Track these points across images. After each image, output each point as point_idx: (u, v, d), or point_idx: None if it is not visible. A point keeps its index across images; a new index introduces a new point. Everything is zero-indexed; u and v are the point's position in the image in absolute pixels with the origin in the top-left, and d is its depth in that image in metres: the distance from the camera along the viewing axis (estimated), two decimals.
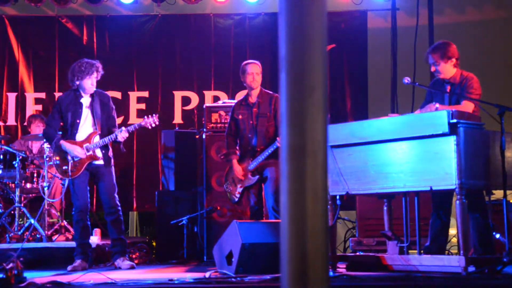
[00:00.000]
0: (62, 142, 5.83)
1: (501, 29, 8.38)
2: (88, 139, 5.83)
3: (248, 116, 5.99)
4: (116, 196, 5.88)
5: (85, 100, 5.92)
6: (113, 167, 5.94)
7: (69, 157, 5.80)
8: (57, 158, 5.88)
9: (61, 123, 5.95)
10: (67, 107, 5.90)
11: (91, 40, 8.70)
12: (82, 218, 5.79)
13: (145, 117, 5.94)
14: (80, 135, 5.86)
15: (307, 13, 1.59)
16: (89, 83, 5.85)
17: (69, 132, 5.87)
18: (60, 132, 5.96)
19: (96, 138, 5.83)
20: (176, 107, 8.59)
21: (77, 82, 5.86)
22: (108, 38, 8.72)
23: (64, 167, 5.83)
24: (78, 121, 5.87)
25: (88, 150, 5.79)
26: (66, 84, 8.60)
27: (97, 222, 7.04)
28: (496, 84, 7.66)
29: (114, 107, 6.09)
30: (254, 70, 5.95)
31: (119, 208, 5.89)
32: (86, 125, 5.88)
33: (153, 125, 5.94)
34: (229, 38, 8.66)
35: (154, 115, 5.94)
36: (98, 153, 5.83)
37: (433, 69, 5.14)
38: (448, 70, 5.10)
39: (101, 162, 5.85)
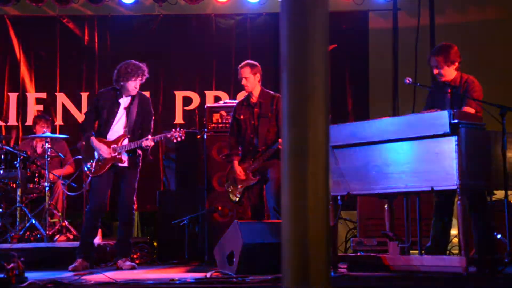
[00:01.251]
0: (92, 138, 5.85)
1: (502, 29, 8.37)
2: (117, 140, 5.84)
3: (250, 116, 5.99)
4: (134, 199, 5.91)
5: (124, 101, 5.92)
6: (138, 171, 5.94)
7: (96, 155, 5.82)
8: (85, 153, 5.91)
9: (97, 119, 5.97)
10: (104, 104, 5.91)
11: (92, 40, 8.70)
12: (94, 217, 5.79)
13: (173, 130, 5.93)
14: (111, 135, 5.88)
15: (308, 13, 1.59)
16: (133, 86, 5.85)
17: (102, 130, 5.89)
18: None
19: (125, 141, 5.84)
20: (177, 107, 8.59)
21: (122, 83, 5.85)
22: (110, 38, 8.72)
23: (88, 164, 5.86)
24: (112, 120, 5.88)
25: (114, 151, 5.80)
26: (68, 83, 8.66)
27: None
28: (497, 84, 7.65)
29: (152, 111, 6.10)
30: (243, 75, 5.94)
31: (134, 211, 5.92)
32: (118, 126, 5.89)
33: (179, 139, 5.95)
34: (231, 38, 8.65)
35: (181, 129, 5.93)
36: (124, 156, 5.84)
37: (435, 71, 5.14)
38: (450, 73, 5.12)
39: (126, 164, 5.86)
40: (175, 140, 5.97)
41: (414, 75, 7.38)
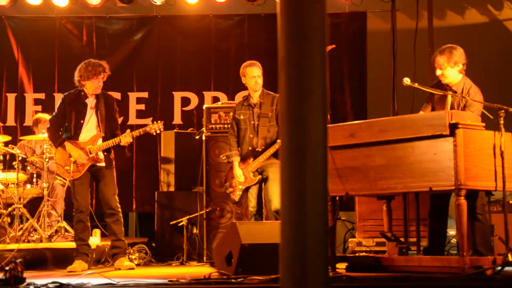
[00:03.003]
0: (67, 143, 5.83)
1: (501, 30, 8.38)
2: (92, 141, 5.82)
3: (250, 116, 6.00)
4: (116, 197, 5.89)
5: (90, 101, 5.92)
6: (114, 169, 5.95)
7: (72, 158, 5.80)
8: (60, 158, 5.88)
9: (65, 123, 5.94)
10: (71, 106, 5.89)
11: (90, 40, 8.69)
12: (82, 219, 5.79)
13: (150, 123, 5.96)
14: (84, 136, 5.85)
15: (307, 14, 1.59)
16: (96, 84, 5.85)
17: (73, 132, 5.87)
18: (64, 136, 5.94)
19: (100, 141, 5.83)
20: (176, 108, 8.59)
21: (84, 83, 5.86)
22: (108, 38, 8.72)
23: (66, 167, 5.83)
24: (82, 121, 5.86)
25: (90, 153, 5.79)
26: (66, 84, 8.62)
27: (96, 223, 7.04)
28: (496, 85, 7.67)
29: (117, 109, 6.10)
30: (256, 73, 5.95)
31: (119, 209, 5.89)
32: (90, 126, 5.88)
33: (158, 131, 5.97)
34: (229, 39, 8.66)
35: (159, 121, 5.96)
36: (101, 155, 5.83)
37: (438, 72, 5.12)
38: (453, 75, 5.08)
39: (102, 164, 5.85)
40: (154, 133, 6.00)
41: (413, 76, 7.39)
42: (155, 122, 5.97)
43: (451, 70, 5.06)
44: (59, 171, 6.00)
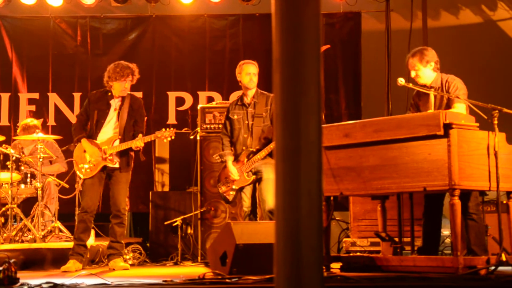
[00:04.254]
0: (84, 139, 5.84)
1: (496, 31, 8.40)
2: (108, 142, 5.82)
3: (244, 116, 5.99)
4: (126, 200, 5.90)
5: (115, 102, 5.91)
6: (130, 172, 5.92)
7: (87, 157, 5.81)
8: (77, 155, 5.90)
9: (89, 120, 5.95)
10: (95, 105, 5.90)
11: (85, 40, 8.68)
12: (85, 219, 5.78)
13: (163, 129, 5.93)
14: (102, 136, 5.86)
15: (301, 14, 1.59)
16: (122, 86, 5.83)
17: (93, 131, 5.88)
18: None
19: (116, 143, 5.82)
20: (170, 108, 8.58)
21: (111, 83, 5.85)
22: (102, 38, 8.70)
23: (80, 165, 5.85)
24: (102, 121, 5.86)
25: (105, 153, 5.79)
26: (60, 84, 8.64)
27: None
28: (490, 85, 7.68)
29: (145, 114, 6.07)
30: (252, 71, 5.96)
31: (125, 212, 5.90)
32: (109, 127, 5.87)
33: (169, 138, 5.94)
34: (224, 39, 8.66)
35: (171, 128, 5.93)
36: (115, 157, 5.82)
37: (413, 74, 5.16)
38: (428, 75, 5.13)
39: (116, 165, 5.85)
40: (165, 140, 5.97)
41: (407, 76, 7.40)
42: (167, 129, 5.93)
43: (425, 69, 5.11)
44: (75, 168, 6.02)
